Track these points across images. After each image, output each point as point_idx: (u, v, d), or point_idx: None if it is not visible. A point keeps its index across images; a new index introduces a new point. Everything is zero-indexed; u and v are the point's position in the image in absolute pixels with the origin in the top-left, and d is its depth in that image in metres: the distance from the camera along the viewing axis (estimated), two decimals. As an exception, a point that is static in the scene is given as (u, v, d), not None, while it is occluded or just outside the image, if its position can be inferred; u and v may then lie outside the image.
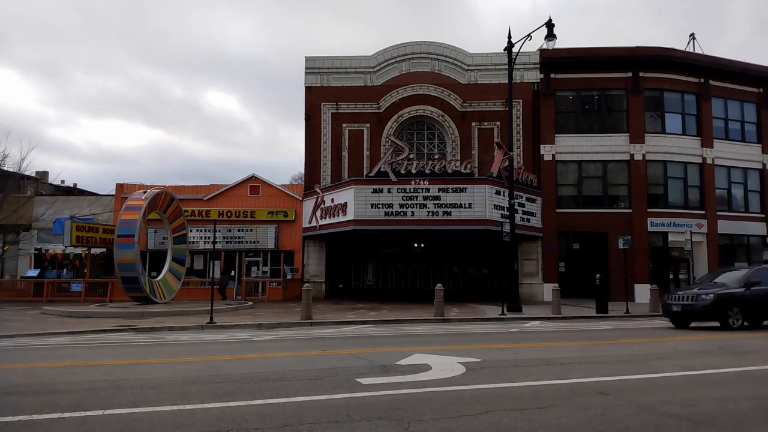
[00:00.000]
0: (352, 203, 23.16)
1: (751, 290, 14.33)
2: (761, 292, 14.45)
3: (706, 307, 14.06)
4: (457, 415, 5.24)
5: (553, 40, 19.37)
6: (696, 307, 14.20)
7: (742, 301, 14.21)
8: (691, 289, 15.13)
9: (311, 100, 28.47)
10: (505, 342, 11.42)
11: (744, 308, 14.18)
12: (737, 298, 14.20)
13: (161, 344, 11.45)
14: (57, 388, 6.53)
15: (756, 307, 14.44)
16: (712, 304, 14.01)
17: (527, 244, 26.67)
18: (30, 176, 35.74)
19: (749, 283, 14.45)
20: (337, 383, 6.70)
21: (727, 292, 14.28)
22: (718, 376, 7.58)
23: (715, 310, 14.02)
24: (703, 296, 14.20)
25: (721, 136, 29.15)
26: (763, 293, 14.46)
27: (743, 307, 14.18)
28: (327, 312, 19.35)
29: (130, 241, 19.94)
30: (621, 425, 4.97)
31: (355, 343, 11.20)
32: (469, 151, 27.39)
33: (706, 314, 14.18)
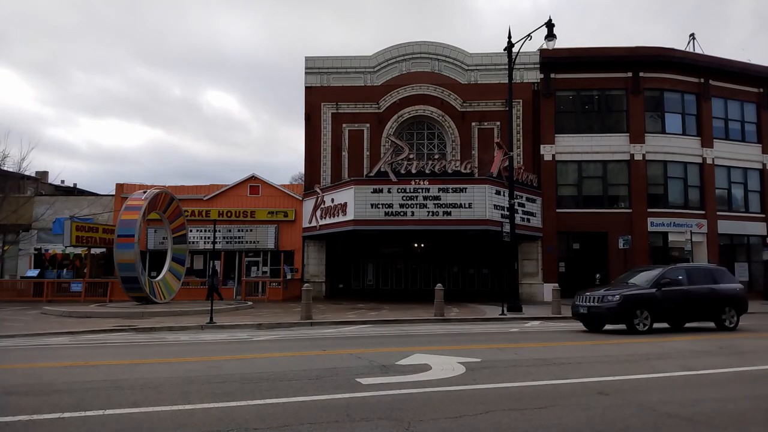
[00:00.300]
0: (352, 203, 23.17)
1: (662, 291, 13.40)
2: (675, 293, 13.55)
3: (611, 309, 13.05)
4: (457, 415, 5.24)
5: (553, 40, 19.37)
6: (601, 309, 13.21)
7: (652, 302, 13.25)
8: (598, 290, 14.11)
9: (311, 100, 28.48)
10: (505, 342, 11.42)
11: (654, 310, 13.24)
12: (646, 299, 13.25)
13: (161, 344, 11.45)
14: (57, 388, 6.53)
15: (668, 309, 13.51)
16: (617, 305, 13.01)
17: (527, 244, 26.67)
18: (30, 176, 35.75)
19: (661, 283, 13.51)
20: (337, 383, 6.70)
21: (634, 293, 13.34)
22: (717, 376, 7.58)
23: (621, 312, 13.01)
24: (609, 297, 13.20)
25: (721, 136, 29.16)
26: (678, 294, 13.58)
27: (653, 309, 13.23)
28: (327, 312, 19.35)
29: (130, 241, 19.94)
30: (621, 425, 4.97)
31: (355, 343, 11.20)
32: (469, 151, 27.40)
33: (611, 317, 13.18)
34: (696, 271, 14.59)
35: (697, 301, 13.78)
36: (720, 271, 14.92)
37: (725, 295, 14.16)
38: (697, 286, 13.93)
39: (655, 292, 13.34)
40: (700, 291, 13.87)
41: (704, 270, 14.95)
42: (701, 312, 13.98)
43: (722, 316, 13.98)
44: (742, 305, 14.40)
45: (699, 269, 14.95)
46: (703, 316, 14.10)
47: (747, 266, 29.16)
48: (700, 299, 13.82)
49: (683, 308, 13.73)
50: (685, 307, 13.72)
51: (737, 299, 14.32)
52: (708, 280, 14.22)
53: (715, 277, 14.48)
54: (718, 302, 14.01)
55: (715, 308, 13.99)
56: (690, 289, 13.79)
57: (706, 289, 13.95)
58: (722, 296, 14.10)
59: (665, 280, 13.56)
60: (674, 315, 13.80)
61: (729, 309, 14.05)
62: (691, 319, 14.24)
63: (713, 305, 13.96)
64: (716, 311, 14.00)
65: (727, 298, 14.14)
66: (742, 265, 29.09)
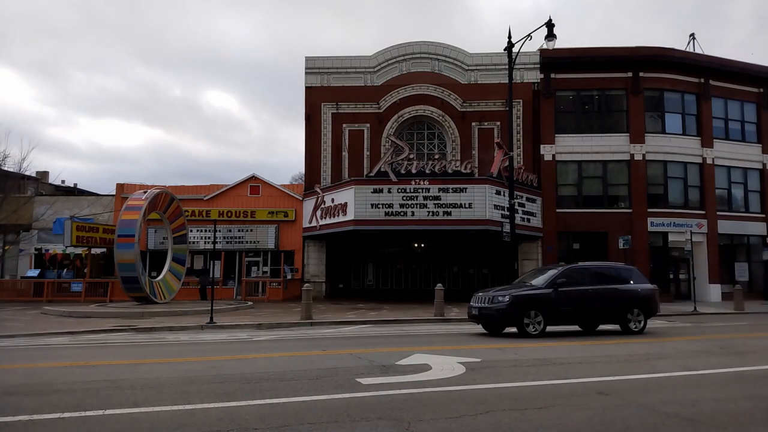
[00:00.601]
0: (352, 203, 23.17)
1: (559, 291, 12.54)
2: (573, 294, 12.70)
3: (500, 311, 12.26)
4: (457, 415, 5.25)
5: (553, 40, 19.37)
6: (491, 311, 12.42)
7: (546, 303, 12.41)
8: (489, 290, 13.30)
9: (311, 100, 28.48)
10: (505, 342, 11.42)
11: (549, 312, 12.39)
12: (539, 300, 12.42)
13: (161, 344, 11.45)
14: (57, 388, 6.54)
15: (565, 311, 12.62)
16: (507, 307, 12.19)
17: (527, 244, 26.67)
18: (30, 176, 35.75)
19: (557, 283, 12.65)
20: (337, 383, 6.70)
21: (526, 294, 12.54)
22: (717, 376, 7.58)
23: (511, 314, 12.20)
24: (499, 298, 12.38)
25: (721, 136, 29.16)
26: (577, 294, 12.72)
27: (548, 311, 12.38)
28: (327, 312, 19.36)
29: (130, 241, 19.94)
30: (621, 425, 4.98)
31: (355, 343, 11.21)
32: (469, 151, 27.40)
33: (500, 318, 12.40)
34: (600, 271, 13.68)
35: (598, 302, 12.91)
36: (628, 271, 14.00)
37: (631, 296, 13.28)
38: (599, 286, 13.05)
39: (551, 293, 12.52)
40: (602, 291, 12.98)
41: (610, 269, 13.93)
42: (604, 314, 13.10)
43: (627, 319, 13.04)
44: (650, 307, 13.51)
45: (604, 268, 13.97)
46: (607, 318, 13.20)
47: (747, 266, 29.17)
48: (602, 300, 12.94)
49: (583, 310, 12.84)
50: (585, 308, 12.83)
51: (645, 300, 13.37)
52: (613, 280, 13.35)
53: (623, 277, 13.58)
54: (624, 303, 13.10)
55: (620, 310, 13.06)
56: (591, 289, 12.89)
57: (609, 290, 13.08)
58: (628, 297, 13.21)
59: (561, 279, 12.73)
60: (572, 317, 12.91)
61: (635, 311, 13.12)
62: (592, 322, 13.39)
63: (618, 307, 13.05)
64: (621, 313, 13.06)
65: (634, 300, 13.22)
66: (742, 265, 29.10)
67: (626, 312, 13.07)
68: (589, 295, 12.85)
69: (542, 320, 12.30)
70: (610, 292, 13.08)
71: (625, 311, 13.08)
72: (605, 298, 12.99)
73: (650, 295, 13.59)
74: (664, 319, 18.20)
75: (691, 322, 17.52)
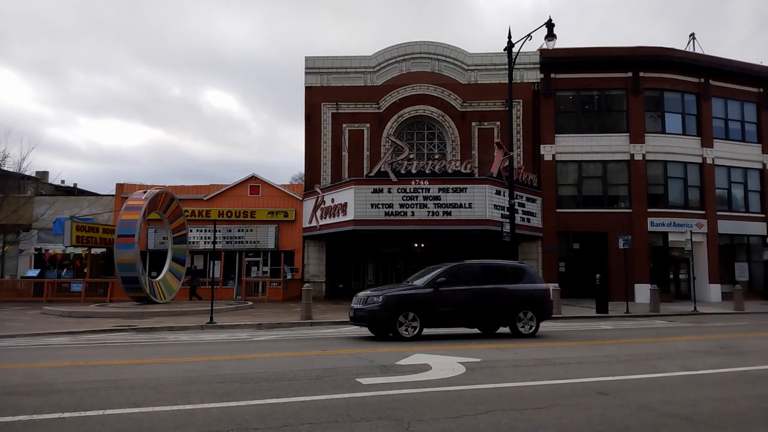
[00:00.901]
0: (352, 203, 23.17)
1: (440, 291, 11.72)
2: (456, 293, 11.89)
3: (372, 312, 11.47)
4: (457, 415, 5.25)
5: (553, 40, 19.37)
6: (363, 312, 11.64)
7: (424, 304, 11.60)
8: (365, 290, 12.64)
9: (311, 100, 28.48)
10: (505, 342, 11.42)
11: (427, 313, 11.59)
12: (415, 300, 11.61)
13: (161, 344, 11.45)
14: (57, 388, 6.54)
15: (446, 312, 11.80)
16: (379, 308, 11.39)
17: (527, 244, 26.67)
18: (30, 176, 35.76)
19: (437, 282, 11.81)
20: (337, 383, 6.70)
21: (401, 294, 11.74)
22: (717, 376, 7.58)
23: (383, 315, 11.39)
24: (374, 299, 11.58)
25: (721, 136, 29.16)
26: (460, 294, 11.91)
27: (426, 312, 11.58)
28: (327, 312, 19.35)
29: (130, 241, 19.94)
30: (621, 425, 4.98)
31: (355, 343, 11.20)
32: (469, 151, 27.40)
33: (372, 320, 11.61)
34: (488, 269, 12.71)
35: (484, 302, 12.08)
36: (520, 269, 13.05)
37: (522, 296, 12.41)
38: (486, 285, 12.20)
39: (430, 293, 11.68)
40: (489, 291, 12.13)
41: (499, 267, 12.96)
42: (489, 316, 12.33)
43: (517, 322, 12.24)
44: (543, 309, 12.68)
45: (492, 266, 12.95)
46: (494, 321, 12.52)
47: (747, 266, 29.18)
48: (488, 301, 12.10)
49: (466, 311, 12.01)
50: (469, 309, 12.01)
51: (537, 302, 12.54)
52: (502, 279, 12.47)
53: (513, 276, 12.67)
54: (513, 305, 12.25)
55: (509, 312, 12.23)
56: (475, 288, 12.06)
57: (497, 290, 12.21)
58: (518, 298, 12.34)
59: (442, 278, 11.89)
60: (453, 319, 12.05)
61: (527, 313, 12.31)
62: (478, 324, 12.57)
63: (506, 308, 12.23)
64: (510, 315, 12.24)
65: (525, 301, 12.38)
66: (742, 265, 29.11)
67: (515, 314, 12.25)
68: (473, 295, 12.02)
69: (418, 322, 11.53)
70: (498, 292, 12.21)
71: (515, 313, 12.25)
72: (493, 298, 12.15)
73: (542, 295, 12.75)
74: (664, 319, 18.22)
75: (691, 322, 17.52)
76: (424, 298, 11.70)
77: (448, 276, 12.06)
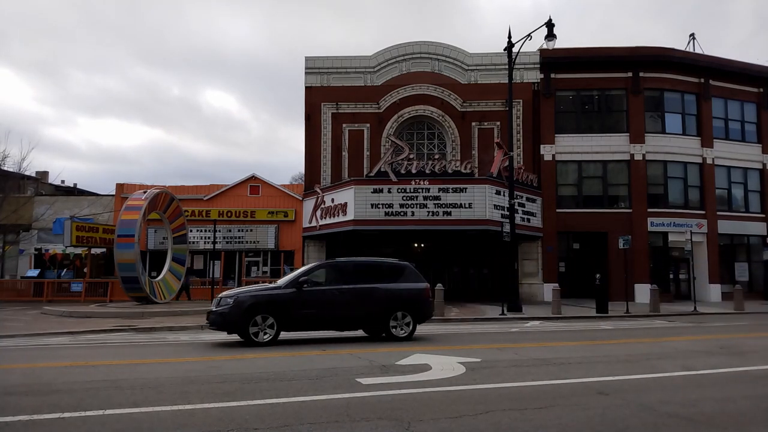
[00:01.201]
0: (352, 203, 23.17)
1: (302, 291, 10.96)
2: (321, 294, 11.17)
3: (223, 315, 10.58)
4: (457, 415, 5.25)
5: (553, 40, 19.38)
6: (215, 315, 10.79)
7: (283, 305, 10.77)
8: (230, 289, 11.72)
9: (311, 100, 28.48)
10: (505, 342, 11.42)
11: (284, 315, 10.74)
12: (273, 301, 10.76)
13: (161, 344, 11.45)
14: (57, 388, 6.54)
15: (307, 314, 10.93)
16: (230, 310, 10.53)
17: (527, 244, 26.67)
18: (30, 176, 35.77)
19: (300, 282, 11.04)
20: (337, 383, 6.70)
21: (256, 294, 10.93)
22: (718, 376, 7.58)
23: (234, 318, 10.51)
24: (227, 299, 10.78)
25: (721, 136, 29.15)
26: (325, 295, 11.19)
27: (284, 315, 10.74)
28: (327, 312, 19.31)
29: (130, 241, 19.95)
30: (621, 425, 4.97)
31: (355, 343, 11.19)
32: (469, 151, 27.39)
33: (222, 323, 10.70)
34: (361, 267, 11.89)
35: (353, 303, 11.29)
36: (399, 268, 12.16)
37: (397, 296, 11.64)
38: (356, 285, 11.40)
39: (292, 294, 10.89)
40: (359, 291, 11.34)
41: (374, 265, 12.13)
42: (360, 317, 11.50)
43: (391, 323, 11.47)
44: (420, 310, 11.93)
45: (366, 265, 12.12)
46: (364, 322, 11.73)
47: (747, 266, 29.17)
48: (358, 301, 11.32)
49: (332, 313, 11.19)
50: (335, 311, 11.21)
51: (413, 302, 11.78)
52: (376, 278, 11.65)
53: (391, 275, 11.89)
54: (387, 305, 11.48)
55: (382, 312, 11.45)
56: (344, 288, 11.28)
57: (369, 289, 11.42)
58: (393, 298, 11.58)
59: (304, 278, 11.15)
60: (319, 321, 11.21)
61: (402, 314, 11.57)
62: (346, 326, 11.65)
63: (379, 309, 11.43)
64: (383, 316, 11.46)
65: (399, 300, 11.61)
66: (742, 265, 29.10)
67: (389, 315, 11.48)
68: (340, 295, 11.23)
69: (275, 325, 10.68)
70: (368, 292, 11.41)
71: (389, 314, 11.47)
72: (363, 299, 11.36)
73: (420, 295, 11.95)
74: (664, 319, 18.22)
75: (691, 322, 17.52)
76: (284, 299, 10.82)
77: (315, 275, 11.39)
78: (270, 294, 10.99)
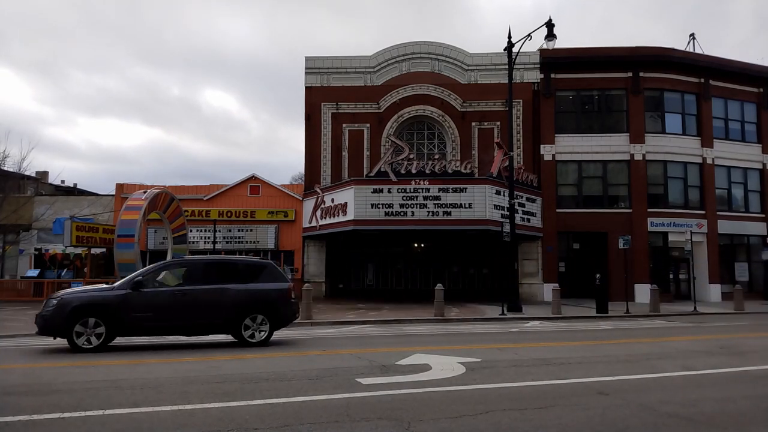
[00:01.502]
0: (352, 203, 23.17)
1: (141, 293, 10.11)
2: (159, 295, 10.27)
3: (45, 318, 9.77)
4: (457, 415, 5.25)
5: (553, 40, 19.38)
6: (38, 318, 9.96)
7: (115, 308, 9.88)
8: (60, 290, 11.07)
9: (311, 100, 28.48)
10: (505, 342, 11.42)
11: (116, 319, 9.87)
12: (103, 304, 9.90)
13: (161, 344, 11.43)
14: (57, 388, 6.54)
15: (143, 318, 10.05)
16: (52, 313, 9.72)
17: (527, 244, 26.67)
18: (30, 176, 35.77)
19: (137, 281, 10.20)
20: (337, 383, 6.70)
21: (82, 296, 10.12)
22: (718, 376, 7.58)
23: (56, 321, 9.68)
24: (52, 301, 9.94)
25: (721, 136, 29.14)
26: (164, 296, 10.30)
27: (115, 318, 9.86)
28: (327, 312, 19.34)
29: (130, 241, 19.97)
30: (621, 425, 4.97)
31: (355, 343, 11.20)
32: (469, 151, 27.39)
33: (46, 328, 9.87)
34: (213, 267, 11.00)
35: (199, 306, 10.39)
36: (258, 267, 11.21)
37: (252, 298, 10.71)
38: (203, 286, 10.54)
39: (126, 295, 10.00)
40: (206, 292, 10.48)
41: (230, 265, 11.22)
42: (206, 320, 10.51)
43: (244, 328, 10.60)
44: (279, 313, 10.97)
45: (220, 264, 11.26)
46: (211, 326, 10.68)
47: (747, 266, 29.16)
48: (205, 304, 10.44)
49: (173, 316, 10.28)
50: (177, 314, 10.29)
51: (271, 304, 10.87)
52: (230, 279, 10.77)
53: (248, 275, 10.96)
54: (239, 308, 10.57)
55: (234, 316, 10.55)
56: (189, 290, 10.41)
57: (218, 290, 10.54)
58: (246, 300, 10.66)
59: (140, 278, 10.30)
60: (157, 326, 10.32)
61: (257, 318, 10.69)
62: (193, 331, 10.80)
63: (230, 312, 10.52)
64: (235, 320, 10.57)
65: (255, 303, 10.72)
66: (742, 265, 29.09)
67: (242, 319, 10.59)
68: (184, 297, 10.35)
69: (104, 330, 9.81)
70: (217, 293, 10.54)
71: (241, 318, 10.58)
72: (209, 300, 10.47)
73: (279, 296, 10.99)
74: (664, 319, 18.22)
75: (691, 322, 17.52)
76: (115, 302, 9.90)
77: (155, 275, 10.55)
78: (100, 295, 10.14)
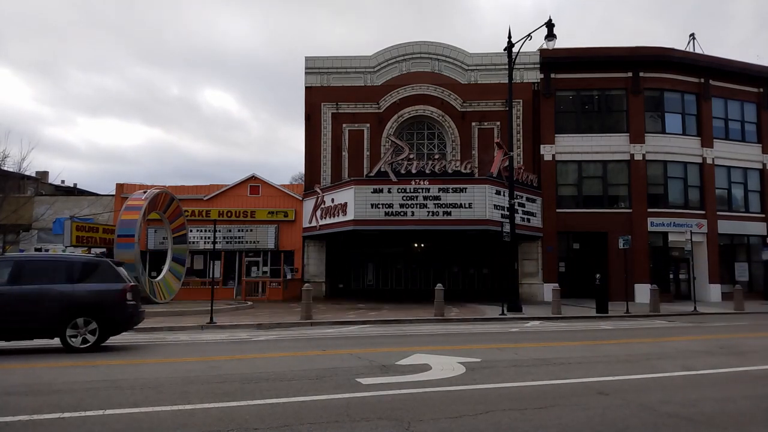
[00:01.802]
0: (352, 203, 23.17)
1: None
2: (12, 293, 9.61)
3: None
4: (457, 415, 5.25)
5: (553, 40, 19.38)
6: None
7: None
8: None
9: (311, 100, 28.49)
10: (505, 342, 11.42)
11: None
12: None
13: (161, 344, 11.44)
14: (57, 388, 6.54)
15: None
16: None
17: (527, 244, 26.68)
18: (30, 176, 35.73)
19: None
20: (337, 383, 6.70)
21: None
22: (718, 375, 7.58)
23: None
24: None
25: (721, 136, 29.15)
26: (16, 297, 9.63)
27: None
28: (327, 312, 19.35)
29: (130, 241, 19.96)
30: (621, 425, 4.97)
31: (355, 343, 11.20)
32: (469, 151, 27.40)
33: None
34: (35, 266, 10.16)
35: (13, 309, 9.61)
36: (90, 266, 10.35)
37: (79, 300, 9.87)
38: (19, 287, 9.72)
39: None
40: (24, 293, 9.69)
41: (53, 264, 10.33)
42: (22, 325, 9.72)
43: (68, 332, 9.81)
44: (111, 316, 10.12)
45: (43, 262, 10.47)
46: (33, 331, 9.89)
47: (747, 266, 29.17)
48: (20, 307, 9.65)
49: None
50: None
51: (102, 307, 10.04)
52: (55, 279, 9.93)
53: (75, 275, 10.07)
54: (63, 311, 9.76)
55: (58, 319, 9.74)
56: (5, 290, 9.64)
57: (35, 292, 9.73)
58: (72, 302, 9.83)
59: None
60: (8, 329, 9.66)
61: (86, 321, 9.88)
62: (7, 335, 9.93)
63: (52, 315, 9.71)
64: (58, 324, 9.77)
65: (84, 306, 9.91)
66: (742, 265, 29.10)
67: (68, 322, 9.81)
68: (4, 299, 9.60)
69: None
70: (35, 295, 9.73)
71: (66, 321, 9.80)
72: (26, 303, 9.68)
73: (111, 299, 10.11)
74: (664, 319, 18.22)
75: (691, 322, 17.52)
76: None
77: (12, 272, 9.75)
78: None
